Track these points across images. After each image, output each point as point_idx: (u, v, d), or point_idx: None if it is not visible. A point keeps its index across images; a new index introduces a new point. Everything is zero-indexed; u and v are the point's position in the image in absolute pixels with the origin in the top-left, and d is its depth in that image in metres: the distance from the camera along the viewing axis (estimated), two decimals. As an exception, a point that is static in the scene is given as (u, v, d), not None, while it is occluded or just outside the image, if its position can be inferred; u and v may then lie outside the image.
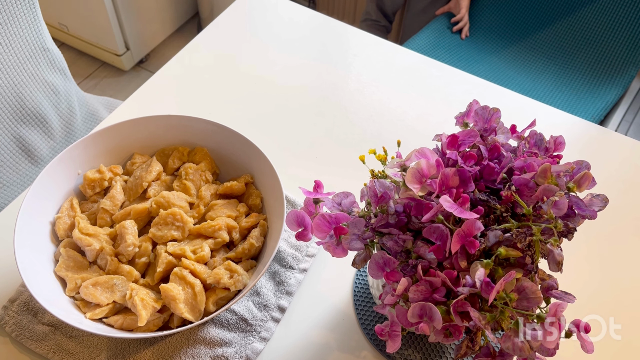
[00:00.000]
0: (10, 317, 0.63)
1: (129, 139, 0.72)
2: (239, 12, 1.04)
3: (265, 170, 0.68)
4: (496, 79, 1.42)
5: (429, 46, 1.49)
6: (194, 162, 0.72)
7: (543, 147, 0.53)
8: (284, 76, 0.93)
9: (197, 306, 0.59)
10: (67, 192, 0.68)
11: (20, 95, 0.83)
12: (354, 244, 0.49)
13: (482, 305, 0.44)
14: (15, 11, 0.77)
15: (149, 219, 0.67)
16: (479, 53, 1.52)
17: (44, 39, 0.85)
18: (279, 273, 0.68)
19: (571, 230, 0.46)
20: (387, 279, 0.47)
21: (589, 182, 0.48)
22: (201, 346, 0.62)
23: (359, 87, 0.92)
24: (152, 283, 0.62)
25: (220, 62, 0.95)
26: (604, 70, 1.45)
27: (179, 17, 2.11)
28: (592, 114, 1.36)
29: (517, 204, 0.47)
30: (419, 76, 0.95)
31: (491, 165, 0.50)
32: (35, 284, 0.56)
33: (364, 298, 0.66)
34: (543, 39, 1.53)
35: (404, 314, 0.44)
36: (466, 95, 0.91)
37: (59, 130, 0.92)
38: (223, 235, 0.64)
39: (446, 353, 0.62)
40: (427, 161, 0.46)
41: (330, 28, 1.03)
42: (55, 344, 0.61)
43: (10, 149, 0.85)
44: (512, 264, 0.46)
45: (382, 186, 0.50)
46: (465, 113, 0.56)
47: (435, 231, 0.45)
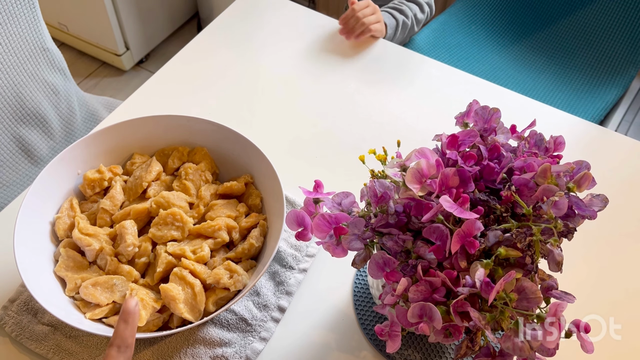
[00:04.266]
0: (10, 317, 0.63)
1: (129, 139, 0.72)
2: (239, 12, 1.04)
3: (265, 170, 0.68)
4: (496, 79, 1.42)
5: (428, 46, 1.49)
6: (193, 162, 0.72)
7: (543, 147, 0.53)
8: (283, 76, 0.93)
9: (197, 306, 0.59)
10: (66, 192, 0.68)
11: (20, 95, 0.83)
12: (354, 244, 0.49)
13: (482, 305, 0.44)
14: (15, 11, 0.77)
15: (148, 219, 0.67)
16: (479, 52, 1.52)
17: (44, 39, 0.85)
18: (279, 273, 0.68)
19: (571, 230, 0.46)
20: (387, 279, 0.47)
21: (589, 182, 0.47)
22: (201, 346, 0.62)
23: (359, 87, 0.92)
24: (151, 283, 0.62)
25: (220, 62, 0.95)
26: (604, 70, 1.45)
27: (179, 17, 2.11)
28: (592, 114, 1.35)
29: (517, 204, 0.47)
30: (418, 76, 0.95)
31: (491, 165, 0.50)
32: (35, 284, 0.56)
33: (364, 298, 0.66)
34: (543, 38, 1.53)
35: (404, 314, 0.44)
36: (466, 95, 0.91)
37: (58, 130, 0.92)
38: (223, 235, 0.64)
39: (446, 353, 0.62)
40: (427, 161, 0.46)
41: (330, 28, 1.03)
42: (55, 344, 0.61)
43: (10, 149, 0.85)
44: (512, 264, 0.46)
45: (382, 186, 0.50)
46: (465, 113, 0.55)
47: (435, 231, 0.45)
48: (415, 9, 1.15)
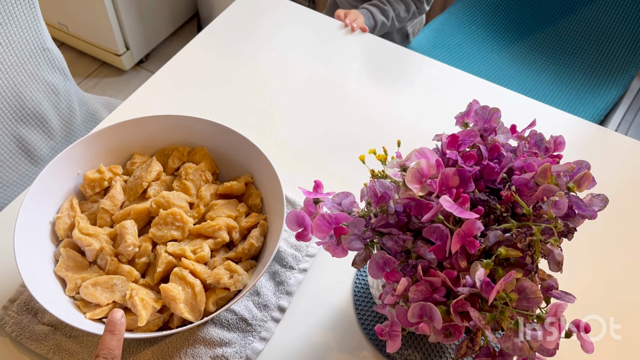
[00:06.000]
0: (10, 317, 0.63)
1: (129, 139, 0.72)
2: (239, 12, 1.04)
3: (265, 170, 0.68)
4: (497, 79, 1.43)
5: (429, 46, 1.49)
6: (194, 162, 0.72)
7: (543, 147, 0.53)
8: (284, 76, 0.93)
9: (197, 306, 0.59)
10: (67, 192, 0.68)
11: (20, 95, 0.83)
12: (354, 244, 0.49)
13: (482, 305, 0.44)
14: (15, 11, 0.77)
15: (149, 219, 0.67)
16: (479, 52, 1.52)
17: (44, 39, 0.85)
18: (279, 273, 0.68)
19: (571, 230, 0.46)
20: (387, 279, 0.47)
21: (589, 182, 0.47)
22: (201, 346, 0.62)
23: (359, 87, 0.92)
24: (152, 283, 0.62)
25: (220, 62, 0.95)
26: (604, 69, 1.45)
27: (179, 17, 2.11)
28: (593, 114, 1.36)
29: (517, 204, 0.47)
30: (419, 76, 0.95)
31: (491, 165, 0.50)
32: (35, 284, 0.56)
33: (364, 298, 0.66)
34: (543, 38, 1.53)
35: (404, 314, 0.44)
36: (466, 95, 0.91)
37: (59, 130, 0.92)
38: (223, 235, 0.64)
39: (446, 353, 0.62)
40: (427, 161, 0.46)
41: (331, 28, 1.03)
42: (55, 344, 0.61)
43: (10, 149, 0.85)
44: (512, 264, 0.46)
45: (382, 186, 0.50)
46: (465, 113, 0.55)
47: (435, 231, 0.45)
48: (399, 9, 1.17)
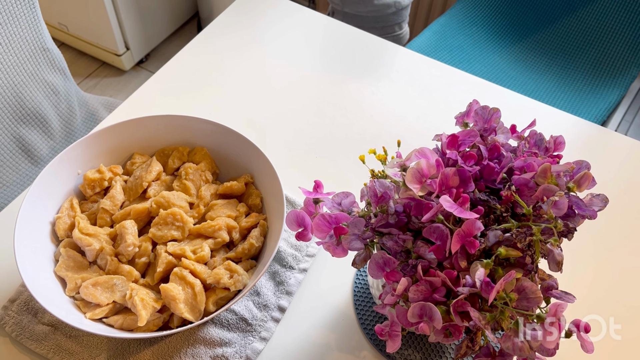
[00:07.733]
0: (10, 317, 0.63)
1: (129, 139, 0.72)
2: (239, 12, 1.04)
3: (265, 170, 0.68)
4: (498, 81, 1.42)
5: (430, 47, 1.49)
6: (194, 162, 0.72)
7: (543, 147, 0.53)
8: (283, 76, 0.93)
9: (197, 306, 0.59)
10: (67, 192, 0.68)
11: (20, 95, 0.83)
12: (354, 244, 0.49)
13: (482, 305, 0.44)
14: (15, 11, 0.77)
15: (149, 219, 0.67)
16: (481, 54, 1.51)
17: (44, 39, 0.85)
18: (279, 273, 0.68)
19: (571, 230, 0.46)
20: (387, 279, 0.47)
21: (589, 182, 0.47)
22: (201, 346, 0.62)
23: (359, 87, 0.92)
24: (152, 283, 0.62)
25: (220, 62, 0.95)
26: (606, 70, 1.45)
27: (179, 17, 2.11)
28: (595, 115, 1.35)
29: (517, 204, 0.47)
30: (419, 76, 0.95)
31: (491, 165, 0.50)
32: (35, 284, 0.56)
33: (364, 298, 0.66)
34: (544, 39, 1.52)
35: (404, 314, 0.44)
36: (466, 95, 0.91)
37: (59, 130, 0.92)
38: (223, 235, 0.64)
39: (446, 353, 0.62)
40: (427, 161, 0.46)
41: (330, 28, 1.03)
42: (55, 344, 0.61)
43: (10, 149, 0.85)
44: (512, 264, 0.46)
45: (382, 186, 0.50)
46: (465, 113, 0.55)
47: (435, 231, 0.45)
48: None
